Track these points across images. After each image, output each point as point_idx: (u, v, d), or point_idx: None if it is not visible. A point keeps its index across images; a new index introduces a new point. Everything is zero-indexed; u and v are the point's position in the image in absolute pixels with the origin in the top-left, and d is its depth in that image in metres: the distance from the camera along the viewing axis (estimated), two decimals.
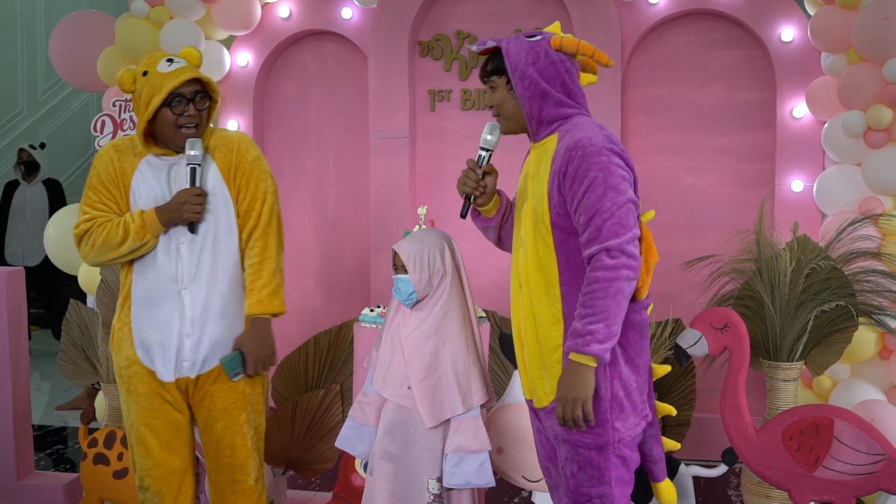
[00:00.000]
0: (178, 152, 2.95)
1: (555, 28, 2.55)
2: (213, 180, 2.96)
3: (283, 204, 5.49)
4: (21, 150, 7.82)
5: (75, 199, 8.78)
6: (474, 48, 2.53)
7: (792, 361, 3.79)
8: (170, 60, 2.89)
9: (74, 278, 6.02)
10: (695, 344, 3.46)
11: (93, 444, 3.78)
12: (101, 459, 3.73)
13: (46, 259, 7.71)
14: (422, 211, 4.05)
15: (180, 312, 2.92)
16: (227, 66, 5.38)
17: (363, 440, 3.08)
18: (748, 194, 4.87)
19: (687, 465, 3.54)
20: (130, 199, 2.95)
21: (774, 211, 4.69)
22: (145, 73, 2.88)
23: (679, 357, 3.51)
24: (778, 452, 3.32)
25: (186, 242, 2.92)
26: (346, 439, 3.11)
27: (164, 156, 2.96)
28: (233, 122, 5.44)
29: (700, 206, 4.98)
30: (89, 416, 3.87)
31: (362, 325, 3.82)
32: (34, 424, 5.24)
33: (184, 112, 2.87)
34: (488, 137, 2.62)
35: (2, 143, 8.47)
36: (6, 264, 7.66)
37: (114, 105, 5.13)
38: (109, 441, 3.75)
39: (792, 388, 3.81)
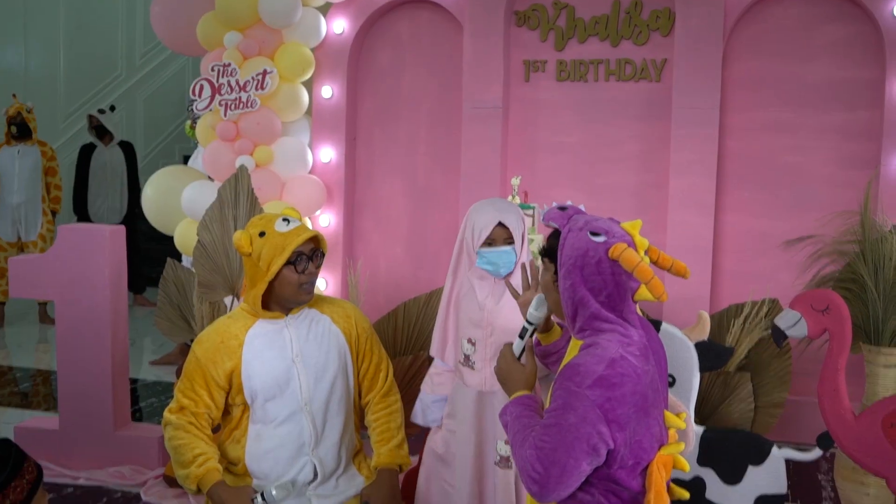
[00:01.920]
0: (287, 314, 2.99)
1: (634, 227, 2.27)
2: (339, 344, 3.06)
3: (373, 172, 5.58)
4: (90, 117, 8.16)
5: (167, 162, 9.02)
6: (543, 217, 2.34)
7: (894, 347, 3.67)
8: (286, 220, 2.91)
9: (158, 237, 6.18)
10: (794, 325, 3.38)
11: None
12: None
13: (125, 218, 8.04)
14: (515, 182, 4.04)
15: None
16: (323, 33, 5.41)
17: (436, 409, 3.15)
18: (851, 174, 4.73)
19: (780, 447, 3.47)
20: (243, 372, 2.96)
21: (879, 192, 4.54)
22: (262, 234, 2.88)
23: (777, 338, 3.44)
24: (877, 440, 3.23)
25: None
26: (417, 414, 3.25)
27: (275, 319, 2.99)
28: (327, 89, 5.48)
29: (801, 185, 4.85)
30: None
31: None
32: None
33: (305, 270, 2.89)
34: (534, 312, 2.44)
35: (101, 105, 8.72)
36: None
37: (212, 69, 5.21)
38: None
39: (893, 375, 3.70)
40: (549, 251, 2.30)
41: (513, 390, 2.37)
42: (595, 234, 2.18)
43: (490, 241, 2.92)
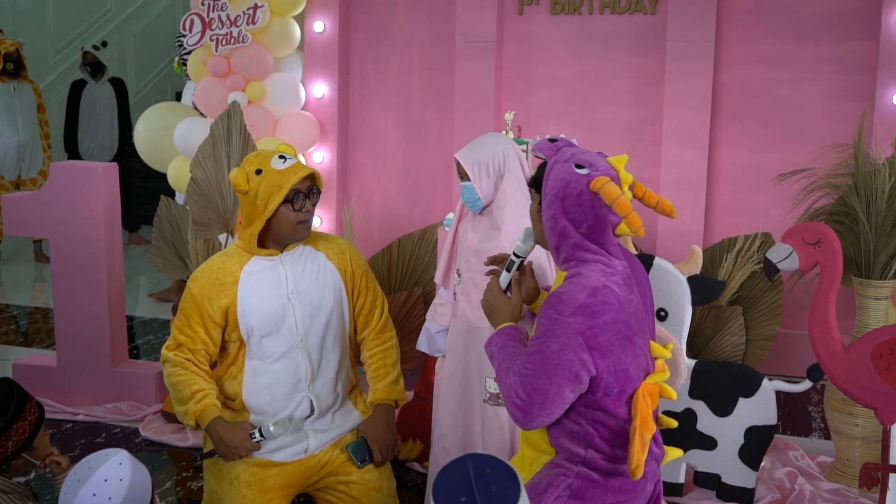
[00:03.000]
0: (282, 251, 2.99)
1: (620, 161, 2.26)
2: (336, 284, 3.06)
3: (367, 107, 5.54)
4: (85, 53, 8.02)
5: (159, 98, 8.93)
6: (534, 148, 2.33)
7: (885, 280, 3.69)
8: (282, 157, 2.89)
9: (151, 174, 6.17)
10: (786, 258, 3.40)
11: None
12: None
13: (117, 155, 8.00)
14: (509, 116, 4.02)
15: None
16: None
17: (441, 339, 3.19)
18: (846, 107, 4.71)
19: (770, 379, 3.52)
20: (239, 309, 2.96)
21: (874, 124, 4.52)
22: (259, 172, 2.86)
23: (768, 271, 3.46)
24: (866, 371, 3.27)
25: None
26: (422, 342, 3.28)
27: (270, 257, 2.99)
28: (319, 24, 5.41)
29: (795, 118, 4.83)
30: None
31: (446, 229, 3.83)
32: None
33: (303, 208, 2.89)
34: (521, 245, 2.41)
35: (92, 41, 8.61)
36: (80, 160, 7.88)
37: (202, 4, 5.14)
38: None
39: (883, 307, 3.72)
40: (536, 181, 2.31)
41: (498, 322, 2.40)
42: (579, 166, 2.20)
43: (461, 176, 2.99)
